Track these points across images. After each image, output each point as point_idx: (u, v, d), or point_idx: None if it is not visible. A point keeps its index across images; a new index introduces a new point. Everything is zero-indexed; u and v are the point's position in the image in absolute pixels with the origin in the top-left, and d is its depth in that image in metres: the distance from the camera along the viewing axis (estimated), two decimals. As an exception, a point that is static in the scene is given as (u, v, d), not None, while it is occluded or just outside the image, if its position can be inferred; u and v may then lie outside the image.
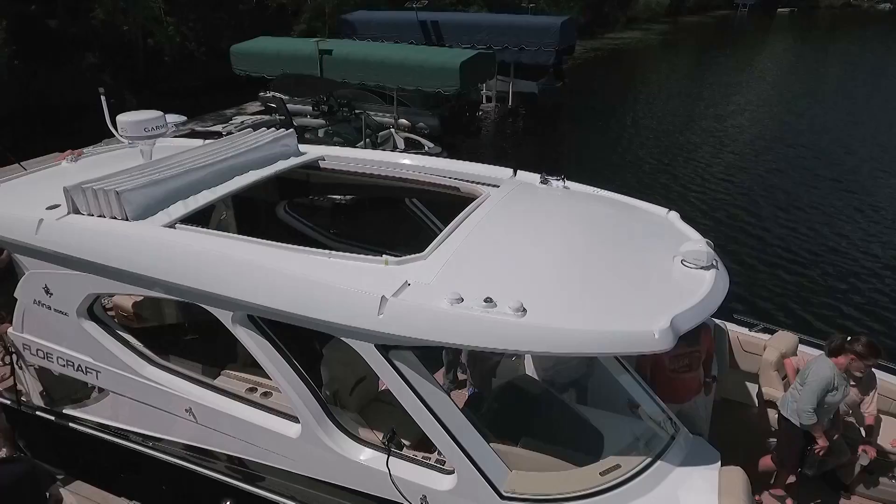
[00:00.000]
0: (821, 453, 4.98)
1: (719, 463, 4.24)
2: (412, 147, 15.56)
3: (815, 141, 20.90)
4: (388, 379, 4.06)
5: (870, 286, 11.07)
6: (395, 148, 15.47)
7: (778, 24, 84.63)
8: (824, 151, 19.62)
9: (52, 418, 5.92)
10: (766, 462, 5.44)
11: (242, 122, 16.68)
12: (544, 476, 4.09)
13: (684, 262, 4.26)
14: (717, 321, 5.95)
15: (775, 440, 5.56)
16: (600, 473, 4.07)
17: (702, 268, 4.20)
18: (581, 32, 53.25)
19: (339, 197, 12.09)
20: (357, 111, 17.48)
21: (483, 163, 6.09)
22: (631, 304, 3.81)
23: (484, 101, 22.37)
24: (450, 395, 4.18)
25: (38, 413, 6.02)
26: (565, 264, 4.25)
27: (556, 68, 24.72)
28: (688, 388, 5.16)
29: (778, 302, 10.50)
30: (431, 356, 5.32)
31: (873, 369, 5.16)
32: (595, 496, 3.96)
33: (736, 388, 5.94)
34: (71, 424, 5.82)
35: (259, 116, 18.22)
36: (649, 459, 4.14)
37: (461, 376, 6.59)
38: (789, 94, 31.19)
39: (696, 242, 4.36)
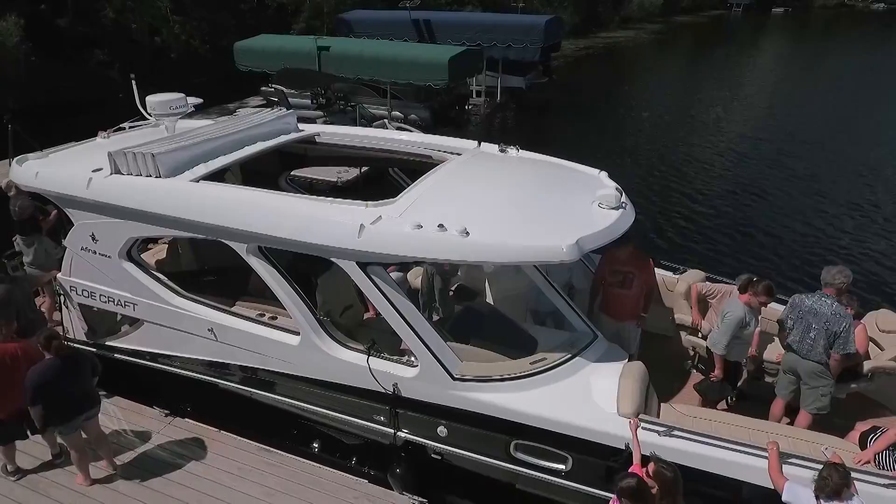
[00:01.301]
0: (715, 377, 6.12)
1: (626, 360, 5.48)
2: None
3: (789, 140, 22.11)
4: (367, 289, 5.31)
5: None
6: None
7: (772, 24, 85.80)
8: (804, 150, 20.78)
9: (94, 350, 7.10)
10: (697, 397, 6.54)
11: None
12: (486, 364, 5.33)
13: (599, 204, 5.48)
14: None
15: (689, 361, 6.80)
16: (530, 363, 5.31)
17: (612, 208, 5.42)
18: (574, 31, 54.61)
19: (333, 178, 13.41)
20: (353, 103, 18.72)
21: None
22: (550, 230, 5.02)
23: (474, 96, 23.56)
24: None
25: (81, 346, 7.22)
26: (504, 204, 5.49)
27: (544, 65, 25.94)
28: (622, 305, 6.28)
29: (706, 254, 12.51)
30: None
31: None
32: (524, 378, 5.20)
33: (660, 322, 7.19)
34: (109, 353, 7.02)
35: (261, 110, 19.38)
36: (569, 355, 5.38)
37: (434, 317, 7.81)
38: (774, 88, 32.43)
39: (609, 189, 5.58)
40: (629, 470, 4.42)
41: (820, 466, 4.22)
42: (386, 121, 17.85)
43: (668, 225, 14.27)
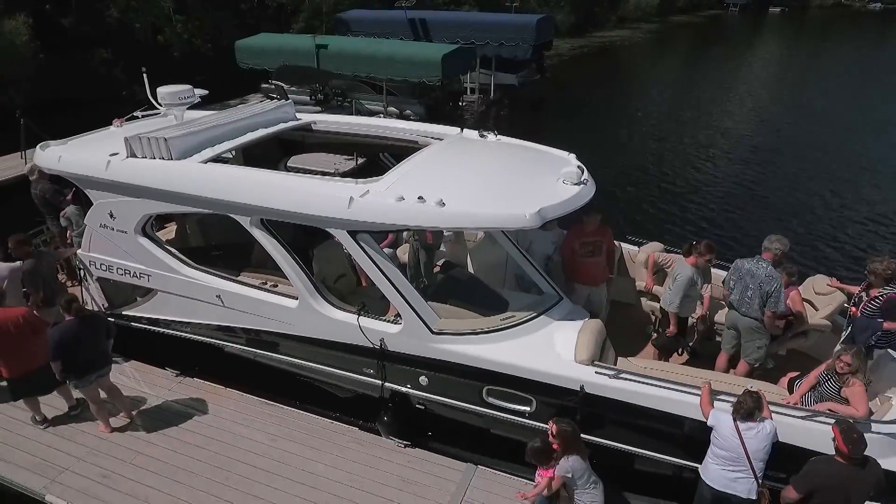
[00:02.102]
0: (670, 333, 6.84)
1: (587, 318, 6.18)
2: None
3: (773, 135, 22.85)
4: (357, 255, 6.01)
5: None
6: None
7: (769, 24, 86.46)
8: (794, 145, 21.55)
9: (112, 319, 7.79)
10: (653, 350, 7.25)
11: (247, 109, 18.58)
12: (461, 321, 6.04)
13: (563, 181, 6.18)
14: (618, 243, 7.90)
15: (650, 325, 7.50)
16: (500, 320, 6.01)
17: (573, 184, 6.11)
18: (571, 31, 55.28)
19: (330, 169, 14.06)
20: (349, 99, 19.43)
21: None
22: (516, 201, 5.70)
23: (468, 93, 24.27)
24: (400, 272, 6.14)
25: (99, 312, 7.91)
26: (478, 179, 6.20)
27: (537, 63, 26.66)
28: (593, 272, 7.00)
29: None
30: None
31: (713, 268, 7.14)
32: (495, 332, 5.91)
33: (624, 291, 7.90)
34: (125, 322, 7.72)
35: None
36: (535, 313, 6.08)
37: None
38: (767, 87, 33.14)
39: (572, 167, 6.27)
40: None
41: (745, 400, 4.94)
42: (381, 116, 18.55)
43: (652, 209, 15.15)
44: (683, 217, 14.77)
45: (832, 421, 4.80)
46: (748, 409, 4.66)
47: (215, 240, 8.07)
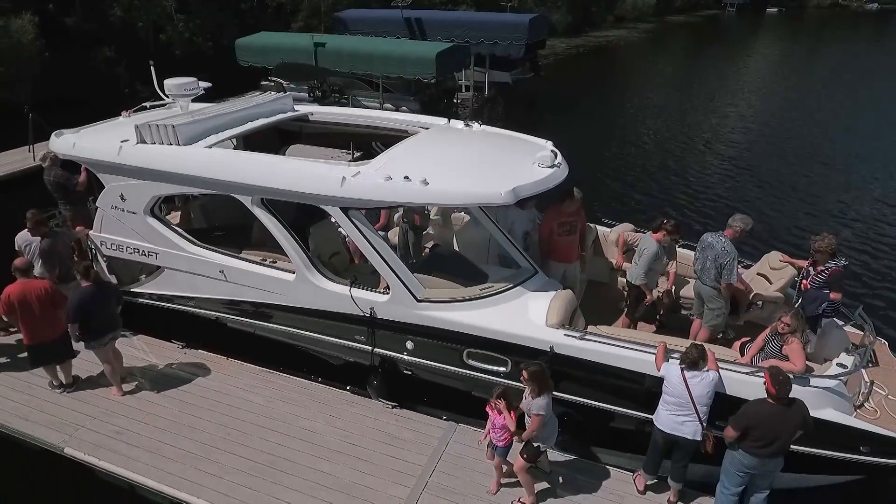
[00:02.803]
0: (648, 303, 7.44)
1: (559, 290, 6.75)
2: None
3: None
4: (349, 230, 6.59)
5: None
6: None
7: (766, 24, 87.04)
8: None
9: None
10: (623, 321, 7.85)
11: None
12: (444, 290, 6.62)
13: (538, 164, 6.75)
14: (590, 224, 8.48)
15: (623, 301, 8.07)
16: (480, 289, 6.59)
17: (547, 167, 6.68)
18: (568, 30, 55.87)
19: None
20: (346, 96, 19.99)
21: None
22: (493, 180, 6.26)
23: (463, 90, 24.83)
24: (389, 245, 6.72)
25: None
26: (460, 162, 6.78)
27: (531, 61, 27.20)
28: (568, 250, 7.56)
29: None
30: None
31: (677, 247, 7.73)
32: (474, 300, 6.48)
33: (599, 271, 8.48)
34: (134, 298, 8.28)
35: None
36: (512, 285, 6.65)
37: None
38: (759, 86, 33.74)
39: (546, 151, 6.83)
40: None
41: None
42: (378, 112, 19.11)
43: (638, 195, 15.90)
44: (667, 203, 15.41)
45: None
46: (693, 358, 5.24)
47: (217, 222, 8.64)
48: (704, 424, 5.30)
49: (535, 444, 5.52)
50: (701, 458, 5.61)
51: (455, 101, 23.59)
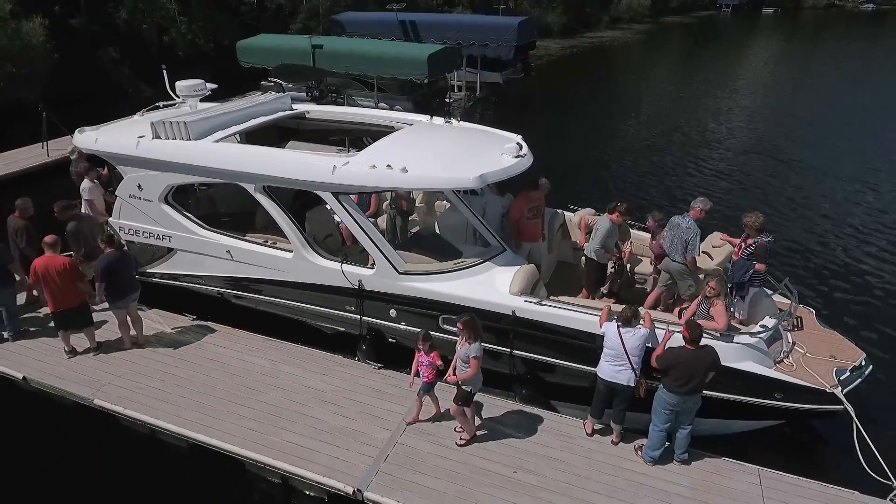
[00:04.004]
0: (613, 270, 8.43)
1: (524, 264, 7.75)
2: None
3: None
4: (340, 212, 7.59)
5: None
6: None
7: (762, 25, 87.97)
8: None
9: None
10: (584, 293, 8.85)
11: (248, 105, 20.15)
12: (422, 264, 7.61)
13: (504, 154, 7.74)
14: (557, 210, 9.48)
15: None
16: (454, 263, 7.60)
17: (512, 156, 7.67)
18: (562, 31, 56.80)
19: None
20: (343, 95, 20.97)
21: None
22: (464, 168, 7.27)
23: (455, 90, 25.85)
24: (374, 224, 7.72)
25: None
26: (436, 152, 7.78)
27: (523, 62, 28.20)
28: (534, 231, 8.56)
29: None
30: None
31: (633, 229, 8.73)
32: (449, 272, 7.48)
33: (568, 254, 9.50)
34: (148, 278, 9.27)
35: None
36: (482, 260, 7.65)
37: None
38: (752, 86, 34.77)
39: (512, 143, 7.82)
40: None
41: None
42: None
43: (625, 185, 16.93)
44: (644, 192, 16.44)
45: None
46: (627, 317, 6.24)
47: (223, 209, 9.64)
48: (637, 373, 6.29)
49: (466, 389, 6.41)
50: (636, 407, 6.60)
51: (447, 100, 24.59)
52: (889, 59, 48.85)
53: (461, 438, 6.74)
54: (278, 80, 21.00)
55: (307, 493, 6.56)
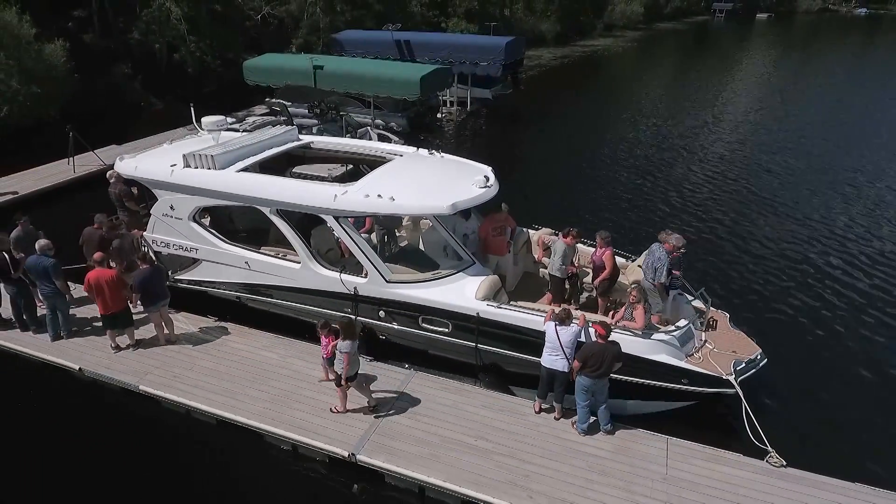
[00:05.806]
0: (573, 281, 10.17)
1: (489, 275, 9.48)
2: (383, 141, 20.74)
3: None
4: (339, 233, 9.34)
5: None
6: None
7: (756, 30, 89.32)
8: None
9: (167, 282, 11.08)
10: (547, 298, 10.54)
11: (254, 121, 21.86)
12: (406, 275, 9.36)
13: (474, 185, 9.47)
14: (523, 228, 11.22)
15: (545, 288, 10.79)
16: (432, 274, 9.34)
17: (481, 187, 9.40)
18: (555, 40, 58.34)
19: (325, 174, 17.45)
20: (341, 113, 22.72)
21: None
22: (440, 197, 8.99)
23: (447, 106, 27.63)
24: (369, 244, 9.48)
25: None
26: (418, 184, 9.52)
27: (512, 77, 29.93)
28: (499, 246, 10.29)
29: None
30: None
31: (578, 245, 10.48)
32: (427, 282, 9.22)
33: (531, 265, 11.25)
34: (175, 284, 11.00)
35: (265, 117, 23.35)
36: (455, 271, 9.39)
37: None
38: (748, 89, 36.43)
39: (480, 175, 9.53)
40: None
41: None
42: (369, 127, 21.83)
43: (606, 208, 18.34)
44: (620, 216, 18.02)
45: (620, 331, 8.16)
46: (562, 317, 7.98)
47: (241, 226, 11.39)
48: (570, 361, 8.03)
49: (340, 374, 8.11)
50: (573, 390, 8.32)
51: (439, 115, 26.36)
52: (883, 65, 50.60)
53: (336, 408, 8.52)
54: (282, 101, 22.74)
55: (313, 457, 8.29)
